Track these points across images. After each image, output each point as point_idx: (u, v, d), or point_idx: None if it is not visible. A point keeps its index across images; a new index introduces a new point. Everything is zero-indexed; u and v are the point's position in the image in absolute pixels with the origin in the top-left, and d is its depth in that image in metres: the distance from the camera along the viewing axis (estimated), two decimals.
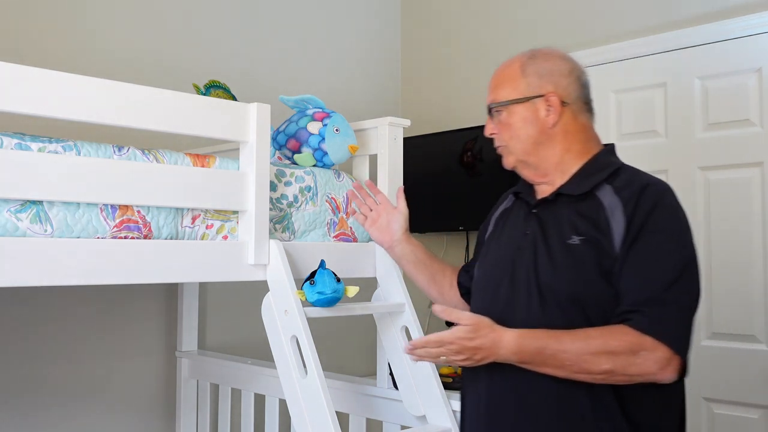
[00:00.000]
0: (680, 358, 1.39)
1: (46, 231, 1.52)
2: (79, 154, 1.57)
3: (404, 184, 2.20)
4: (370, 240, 2.17)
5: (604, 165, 1.55)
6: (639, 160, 2.91)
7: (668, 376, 1.38)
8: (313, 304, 1.82)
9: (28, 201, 1.49)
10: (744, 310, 2.62)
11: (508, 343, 1.44)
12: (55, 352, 2.53)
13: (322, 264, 1.86)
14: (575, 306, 1.44)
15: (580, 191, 1.51)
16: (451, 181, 3.29)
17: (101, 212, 1.60)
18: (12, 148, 1.48)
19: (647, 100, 2.90)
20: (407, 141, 2.33)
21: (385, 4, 3.78)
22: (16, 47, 2.45)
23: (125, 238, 1.64)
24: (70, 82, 1.54)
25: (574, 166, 1.57)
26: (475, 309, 1.64)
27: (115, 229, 1.62)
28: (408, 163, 2.28)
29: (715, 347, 2.67)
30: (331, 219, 2.06)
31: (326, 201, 2.05)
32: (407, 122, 2.20)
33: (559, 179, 1.58)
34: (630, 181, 1.49)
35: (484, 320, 1.48)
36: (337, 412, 1.79)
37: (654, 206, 1.43)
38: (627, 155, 2.94)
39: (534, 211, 1.58)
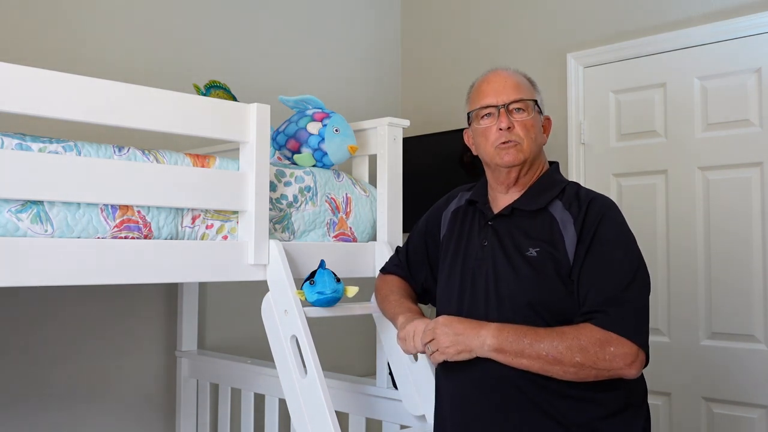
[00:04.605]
0: (644, 354, 1.47)
1: (46, 231, 1.52)
2: (80, 154, 1.57)
3: (404, 184, 2.20)
4: (369, 240, 2.17)
5: (555, 182, 1.68)
6: (639, 160, 2.95)
7: (634, 371, 1.46)
8: (313, 304, 1.83)
9: (28, 201, 1.49)
10: (744, 310, 2.62)
11: (488, 330, 1.51)
12: (55, 352, 2.53)
13: (321, 264, 1.87)
14: (532, 311, 1.53)
15: (535, 207, 1.63)
16: (451, 181, 3.27)
17: (101, 212, 1.60)
18: (12, 149, 1.48)
19: (647, 100, 2.90)
20: (407, 141, 2.33)
21: (385, 5, 3.78)
22: (16, 47, 2.45)
23: (125, 238, 1.64)
24: (70, 82, 1.54)
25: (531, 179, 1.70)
26: None
27: (116, 229, 1.63)
28: (408, 163, 2.28)
29: (715, 347, 2.68)
30: (330, 219, 2.06)
31: (326, 201, 2.05)
32: (407, 122, 2.20)
33: (518, 188, 1.69)
34: (577, 197, 1.62)
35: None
36: (336, 411, 1.79)
37: (601, 219, 1.56)
38: (627, 155, 2.99)
39: (490, 223, 1.67)
